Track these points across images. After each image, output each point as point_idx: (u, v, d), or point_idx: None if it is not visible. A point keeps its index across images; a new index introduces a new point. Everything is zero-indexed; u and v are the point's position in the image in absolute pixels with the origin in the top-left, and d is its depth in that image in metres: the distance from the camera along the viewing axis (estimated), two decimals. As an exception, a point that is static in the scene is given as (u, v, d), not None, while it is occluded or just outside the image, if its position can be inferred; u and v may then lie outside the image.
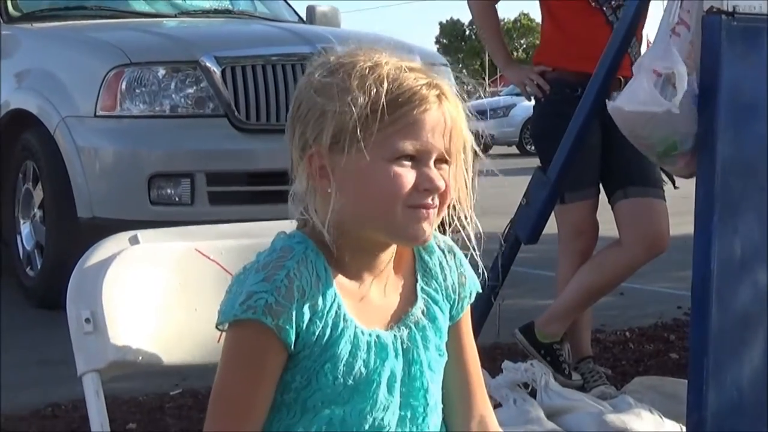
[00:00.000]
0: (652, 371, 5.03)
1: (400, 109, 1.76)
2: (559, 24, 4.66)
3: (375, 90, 1.75)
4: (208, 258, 2.08)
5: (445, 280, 1.94)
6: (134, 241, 2.10)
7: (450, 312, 1.94)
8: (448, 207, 1.84)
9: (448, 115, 1.80)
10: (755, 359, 3.35)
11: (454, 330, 1.96)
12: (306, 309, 1.76)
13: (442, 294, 1.93)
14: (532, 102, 4.78)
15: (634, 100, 3.39)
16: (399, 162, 1.76)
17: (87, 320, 1.98)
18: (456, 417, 1.97)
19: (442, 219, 1.86)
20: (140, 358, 2.00)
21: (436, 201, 1.80)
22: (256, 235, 2.13)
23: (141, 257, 2.06)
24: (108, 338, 1.98)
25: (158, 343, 2.02)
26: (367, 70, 1.77)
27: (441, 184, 1.79)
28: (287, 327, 1.74)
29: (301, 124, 1.81)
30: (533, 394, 4.14)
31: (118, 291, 2.00)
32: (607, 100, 3.60)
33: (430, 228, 1.81)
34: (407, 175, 1.76)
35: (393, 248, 1.87)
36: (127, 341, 1.99)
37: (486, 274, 2.01)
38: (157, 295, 2.04)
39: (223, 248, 2.08)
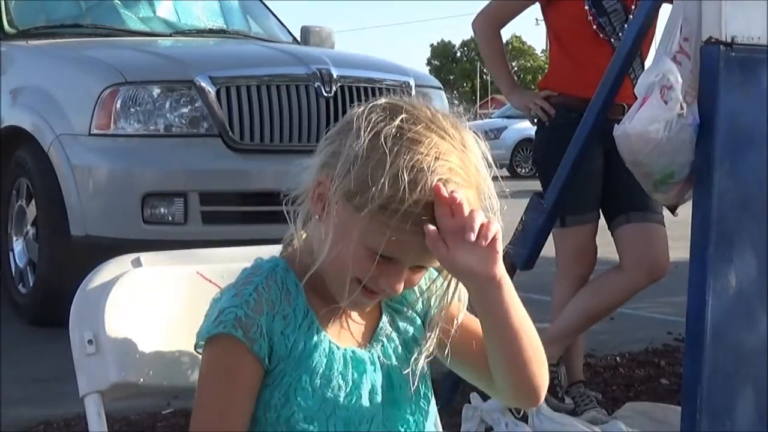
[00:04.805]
0: (642, 396, 5.04)
1: (409, 225, 1.71)
2: (566, 50, 4.67)
3: (402, 195, 1.70)
4: (210, 281, 2.09)
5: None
6: (137, 263, 2.11)
7: (422, 313, 1.95)
8: None
9: None
10: (749, 390, 3.36)
11: (450, 318, 1.91)
12: (276, 321, 1.79)
13: (404, 302, 1.94)
14: (522, 125, 4.80)
15: (643, 121, 3.36)
16: (373, 254, 1.74)
17: (89, 342, 1.99)
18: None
19: None
20: (142, 379, 2.01)
21: (389, 291, 1.80)
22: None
23: (143, 280, 2.07)
24: (110, 360, 1.99)
25: (160, 365, 2.03)
26: (413, 167, 1.71)
27: (398, 290, 1.79)
28: (258, 339, 1.77)
29: (338, 147, 1.78)
30: (524, 418, 4.15)
31: (120, 313, 2.01)
32: (616, 125, 3.59)
33: (372, 304, 1.86)
34: (372, 267, 1.75)
35: None
36: (130, 363, 2.00)
37: None
38: (159, 317, 2.04)
39: (224, 272, 2.09)
